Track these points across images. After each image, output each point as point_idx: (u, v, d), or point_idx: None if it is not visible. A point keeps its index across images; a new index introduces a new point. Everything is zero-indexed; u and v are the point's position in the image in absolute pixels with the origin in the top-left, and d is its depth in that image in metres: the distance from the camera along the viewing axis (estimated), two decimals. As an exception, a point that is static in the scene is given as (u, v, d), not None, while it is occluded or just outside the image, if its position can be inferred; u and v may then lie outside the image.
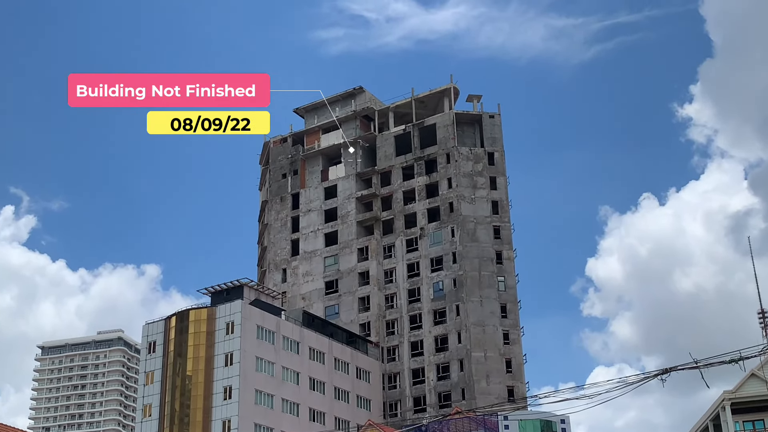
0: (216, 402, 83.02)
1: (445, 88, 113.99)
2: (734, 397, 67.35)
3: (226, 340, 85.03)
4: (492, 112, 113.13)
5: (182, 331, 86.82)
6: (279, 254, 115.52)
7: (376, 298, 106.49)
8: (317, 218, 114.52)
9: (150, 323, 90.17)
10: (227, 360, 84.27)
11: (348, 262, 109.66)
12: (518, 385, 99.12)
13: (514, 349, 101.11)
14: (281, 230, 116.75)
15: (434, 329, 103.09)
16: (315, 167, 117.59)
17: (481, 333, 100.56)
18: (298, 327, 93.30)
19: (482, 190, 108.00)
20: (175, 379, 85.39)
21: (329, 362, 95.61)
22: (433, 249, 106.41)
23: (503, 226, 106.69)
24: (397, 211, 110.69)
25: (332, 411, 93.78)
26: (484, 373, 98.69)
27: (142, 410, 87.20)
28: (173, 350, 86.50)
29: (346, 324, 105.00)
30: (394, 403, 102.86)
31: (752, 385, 67.05)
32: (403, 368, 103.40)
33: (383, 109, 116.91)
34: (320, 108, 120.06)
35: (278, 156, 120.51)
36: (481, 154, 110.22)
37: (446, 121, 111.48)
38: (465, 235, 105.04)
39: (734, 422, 67.52)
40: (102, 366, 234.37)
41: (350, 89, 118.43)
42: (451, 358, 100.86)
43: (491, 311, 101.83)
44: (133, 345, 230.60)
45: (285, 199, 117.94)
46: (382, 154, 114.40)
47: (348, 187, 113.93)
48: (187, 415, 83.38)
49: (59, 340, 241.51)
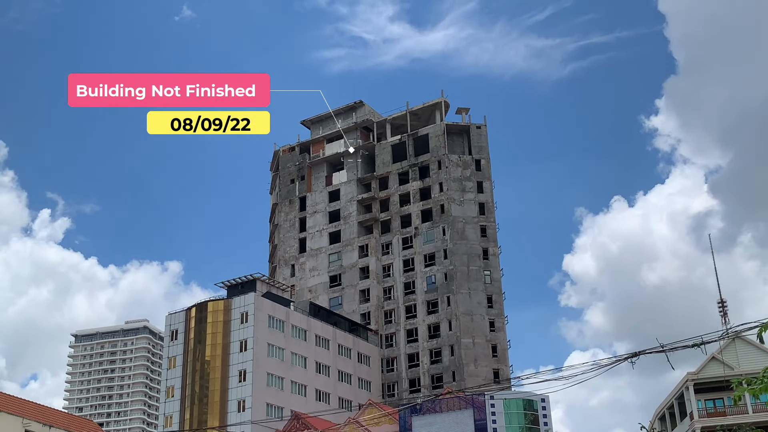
0: (232, 384, 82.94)
1: (436, 102, 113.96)
2: (697, 378, 67.38)
3: (241, 328, 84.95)
4: (479, 123, 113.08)
5: (201, 321, 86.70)
6: (288, 251, 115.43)
7: (376, 290, 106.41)
8: (322, 219, 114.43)
9: (172, 314, 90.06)
10: (242, 346, 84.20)
11: (350, 258, 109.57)
12: (503, 368, 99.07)
13: (499, 335, 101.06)
14: (290, 230, 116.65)
15: (428, 318, 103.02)
16: (320, 173, 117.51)
17: (470, 321, 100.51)
18: (306, 317, 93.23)
19: (470, 194, 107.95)
20: (195, 364, 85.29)
21: (333, 348, 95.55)
22: (427, 246, 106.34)
23: (489, 226, 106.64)
24: (393, 213, 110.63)
25: (336, 392, 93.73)
26: (473, 358, 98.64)
27: (165, 392, 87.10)
28: (193, 338, 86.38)
29: (348, 314, 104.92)
30: (391, 385, 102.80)
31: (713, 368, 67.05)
32: (399, 353, 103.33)
33: (381, 121, 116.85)
34: (325, 120, 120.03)
35: (287, 163, 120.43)
36: (469, 161, 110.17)
37: (438, 131, 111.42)
38: (455, 233, 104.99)
39: (697, 400, 67.56)
40: (129, 352, 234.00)
41: (351, 103, 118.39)
42: (442, 344, 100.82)
43: (478, 302, 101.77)
44: (158, 333, 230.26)
45: (293, 202, 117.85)
46: (381, 161, 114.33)
47: (350, 191, 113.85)
48: (206, 396, 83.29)
49: (91, 329, 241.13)
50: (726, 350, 66.20)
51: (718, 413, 66.30)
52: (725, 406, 66.80)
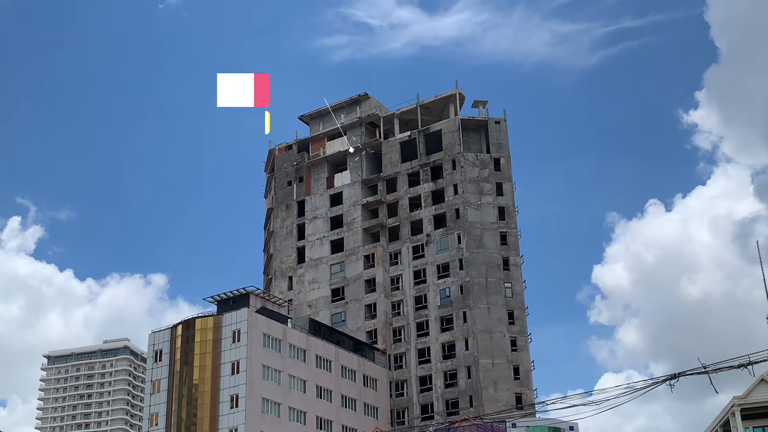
0: (223, 410, 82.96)
1: (450, 94, 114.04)
2: (744, 402, 67.11)
3: (233, 348, 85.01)
4: (498, 118, 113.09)
5: (188, 340, 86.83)
6: (285, 262, 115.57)
7: (383, 305, 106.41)
8: (323, 225, 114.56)
9: (156, 332, 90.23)
10: (234, 368, 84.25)
11: (354, 270, 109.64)
12: (526, 392, 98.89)
13: (522, 355, 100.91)
14: (287, 238, 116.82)
15: (441, 336, 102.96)
16: (320, 174, 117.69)
17: (489, 340, 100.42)
18: (305, 335, 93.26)
19: (488, 196, 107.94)
20: (181, 388, 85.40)
21: (336, 370, 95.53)
22: (440, 255, 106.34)
23: (510, 233, 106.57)
24: (403, 218, 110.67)
25: (339, 419, 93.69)
26: (492, 380, 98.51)
27: (148, 419, 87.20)
28: (180, 359, 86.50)
29: (352, 331, 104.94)
30: (401, 411, 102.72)
31: (762, 391, 66.80)
32: (410, 375, 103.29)
33: (388, 116, 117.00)
34: (325, 115, 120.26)
35: (283, 163, 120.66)
36: (487, 159, 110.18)
37: (452, 127, 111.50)
38: (471, 241, 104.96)
39: (744, 428, 67.27)
40: (108, 375, 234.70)
41: (355, 96, 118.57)
42: (458, 365, 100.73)
43: (498, 318, 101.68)
44: (140, 354, 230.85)
45: (290, 207, 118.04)
46: (388, 160, 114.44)
47: (353, 194, 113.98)
48: (194, 424, 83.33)
49: (66, 350, 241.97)
50: (777, 371, 65.90)
51: (769, 442, 65.95)
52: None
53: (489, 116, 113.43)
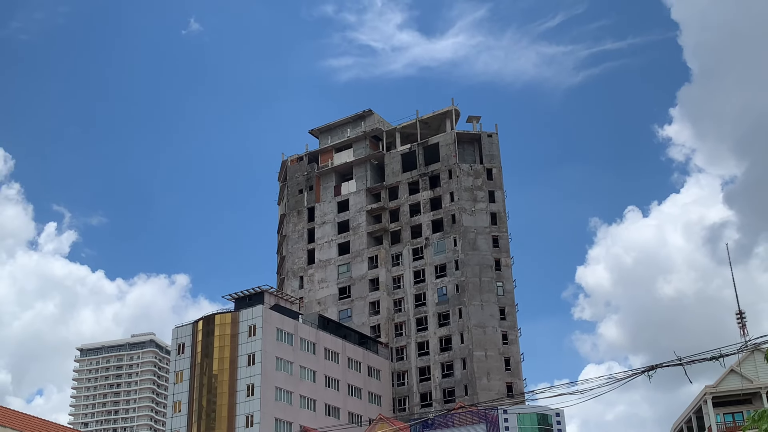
0: (240, 398, 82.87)
1: (446, 110, 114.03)
2: (715, 391, 67.03)
3: (249, 341, 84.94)
4: (490, 132, 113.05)
5: (208, 334, 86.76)
6: (296, 263, 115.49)
7: (386, 302, 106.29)
8: (331, 230, 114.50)
9: (179, 327, 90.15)
10: (249, 360, 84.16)
11: (359, 270, 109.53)
12: (516, 382, 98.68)
13: (513, 348, 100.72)
14: (298, 241, 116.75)
15: (439, 331, 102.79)
16: (329, 183, 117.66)
17: (482, 334, 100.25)
18: (314, 329, 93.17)
19: (482, 203, 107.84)
20: (202, 378, 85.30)
21: (343, 361, 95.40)
22: (437, 257, 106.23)
23: (501, 236, 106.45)
24: (404, 223, 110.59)
25: (346, 406, 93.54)
26: (485, 371, 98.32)
27: (172, 406, 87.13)
28: (200, 351, 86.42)
29: (358, 326, 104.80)
30: (402, 399, 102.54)
31: (731, 381, 66.72)
32: (410, 367, 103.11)
33: (390, 130, 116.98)
34: (333, 129, 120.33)
35: (295, 173, 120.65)
36: (481, 170, 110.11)
37: (448, 140, 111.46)
38: (466, 244, 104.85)
39: (715, 414, 67.17)
40: (135, 366, 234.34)
41: (360, 112, 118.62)
42: (454, 357, 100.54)
43: (491, 314, 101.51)
44: (164, 347, 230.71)
45: (301, 213, 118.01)
46: (390, 170, 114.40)
47: (359, 201, 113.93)
48: (214, 411, 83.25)
49: (96, 343, 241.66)
50: (745, 363, 65.86)
51: (737, 427, 65.87)
52: (744, 420, 66.34)
53: (482, 130, 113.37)
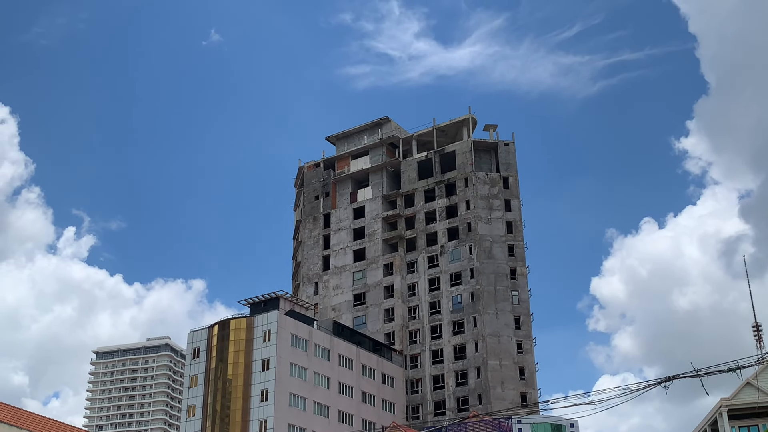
0: (254, 404, 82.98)
1: (463, 119, 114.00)
2: (731, 404, 66.45)
3: (263, 347, 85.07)
4: (507, 140, 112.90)
5: (223, 339, 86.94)
6: (312, 269, 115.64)
7: (400, 309, 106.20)
8: (346, 236, 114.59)
9: (194, 331, 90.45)
10: (264, 365, 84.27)
11: (374, 277, 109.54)
12: (531, 392, 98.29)
13: (527, 358, 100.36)
14: (314, 247, 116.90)
15: (453, 339, 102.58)
16: (345, 190, 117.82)
17: (497, 343, 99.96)
18: (329, 336, 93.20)
19: (498, 212, 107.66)
20: (216, 383, 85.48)
21: (357, 368, 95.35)
22: (453, 265, 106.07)
23: (517, 245, 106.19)
24: (419, 230, 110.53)
25: (359, 413, 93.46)
26: (499, 380, 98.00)
27: (186, 411, 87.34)
28: (215, 356, 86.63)
29: (372, 333, 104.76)
30: (416, 407, 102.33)
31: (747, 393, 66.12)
32: (424, 374, 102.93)
33: (407, 138, 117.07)
34: (350, 136, 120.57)
35: (311, 179, 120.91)
36: (497, 178, 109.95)
37: (465, 148, 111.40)
38: (482, 252, 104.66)
39: (731, 427, 66.59)
40: (151, 370, 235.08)
41: (377, 119, 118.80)
42: (468, 365, 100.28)
43: (506, 323, 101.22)
44: (179, 351, 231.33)
45: (317, 219, 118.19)
46: (406, 178, 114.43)
47: (375, 208, 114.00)
48: (227, 416, 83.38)
49: (112, 346, 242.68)
50: (761, 375, 65.28)
51: (754, 441, 65.25)
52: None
53: (499, 139, 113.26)
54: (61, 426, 67.03)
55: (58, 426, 65.80)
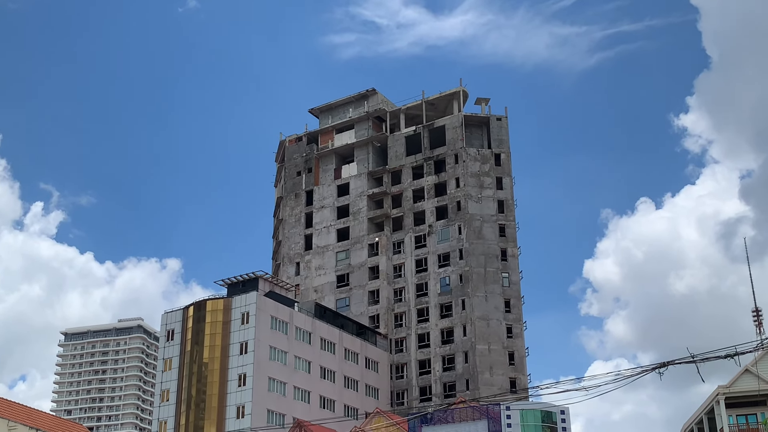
0: (231, 388, 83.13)
1: (454, 92, 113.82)
2: (728, 391, 67.13)
3: (241, 329, 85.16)
4: (499, 115, 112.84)
5: (199, 320, 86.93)
6: (293, 248, 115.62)
7: (385, 291, 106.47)
8: (330, 215, 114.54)
9: (169, 312, 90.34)
10: (242, 348, 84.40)
11: (359, 257, 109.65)
12: (520, 377, 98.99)
13: (517, 342, 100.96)
14: (295, 226, 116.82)
15: (440, 322, 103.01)
16: (328, 165, 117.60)
17: (486, 326, 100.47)
18: (310, 318, 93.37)
19: (489, 190, 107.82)
20: (192, 366, 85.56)
21: (339, 352, 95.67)
22: (441, 245, 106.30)
23: (508, 225, 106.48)
24: (406, 209, 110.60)
25: (342, 399, 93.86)
26: (488, 365, 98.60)
27: (160, 395, 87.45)
28: (191, 338, 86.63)
29: (356, 316, 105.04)
30: (401, 392, 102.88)
31: (746, 381, 66.81)
32: (410, 359, 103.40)
33: (394, 111, 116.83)
34: (334, 109, 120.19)
35: (293, 154, 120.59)
36: (488, 155, 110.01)
37: (455, 123, 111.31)
38: (471, 232, 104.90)
39: (728, 416, 67.31)
40: (122, 353, 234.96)
41: (363, 91, 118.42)
42: (456, 350, 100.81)
43: (495, 306, 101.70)
44: (153, 333, 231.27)
45: (299, 196, 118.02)
46: (393, 153, 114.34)
47: (360, 185, 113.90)
48: (203, 401, 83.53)
49: (82, 328, 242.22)
50: (761, 362, 65.96)
51: (751, 430, 66.05)
52: (758, 422, 66.53)
53: (491, 113, 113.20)
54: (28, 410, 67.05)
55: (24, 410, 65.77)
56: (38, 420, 65.46)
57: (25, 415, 64.27)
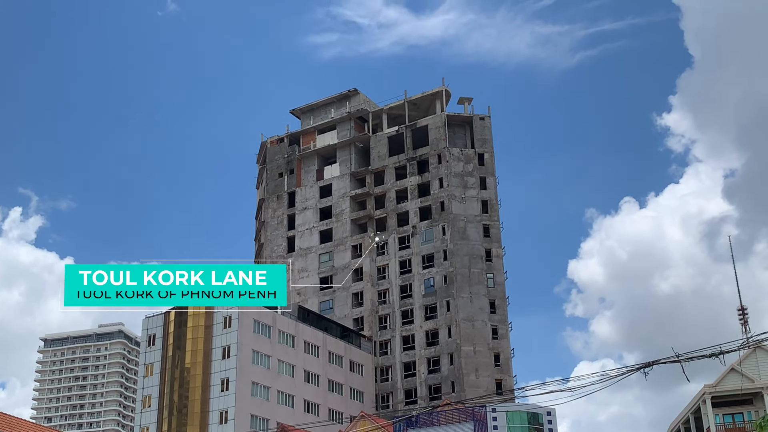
0: (213, 393, 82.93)
1: (436, 91, 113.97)
2: (715, 391, 67.60)
3: (224, 333, 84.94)
4: (482, 114, 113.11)
5: (181, 325, 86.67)
6: (275, 251, 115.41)
7: (369, 293, 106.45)
8: (312, 216, 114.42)
9: (150, 317, 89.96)
10: (224, 353, 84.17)
11: (342, 259, 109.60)
12: (506, 379, 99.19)
13: (503, 343, 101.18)
14: (277, 227, 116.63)
15: (425, 324, 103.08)
16: (311, 167, 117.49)
17: (471, 328, 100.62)
18: (294, 321, 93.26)
19: (472, 190, 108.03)
20: (174, 371, 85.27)
21: (323, 355, 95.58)
22: (425, 246, 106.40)
23: (492, 225, 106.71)
24: (390, 210, 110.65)
25: (326, 403, 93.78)
26: (473, 367, 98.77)
27: (141, 401, 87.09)
28: (172, 343, 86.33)
29: (340, 318, 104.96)
30: (386, 395, 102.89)
31: (732, 380, 67.31)
32: (395, 362, 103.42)
33: (377, 111, 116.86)
34: (316, 109, 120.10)
35: (275, 155, 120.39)
36: (472, 155, 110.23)
37: (438, 122, 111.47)
38: (455, 233, 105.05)
39: (714, 415, 67.78)
40: (103, 358, 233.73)
41: (345, 91, 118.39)
42: (441, 352, 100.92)
43: (480, 307, 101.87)
44: (133, 338, 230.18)
45: (281, 198, 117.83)
46: (376, 154, 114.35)
47: (342, 186, 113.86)
48: (186, 406, 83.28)
49: (61, 333, 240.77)
50: (746, 361, 66.45)
51: (738, 428, 66.52)
52: (745, 421, 67.02)
53: (474, 113, 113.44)
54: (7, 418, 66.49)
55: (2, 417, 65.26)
56: (18, 428, 64.91)
57: (4, 423, 63.79)
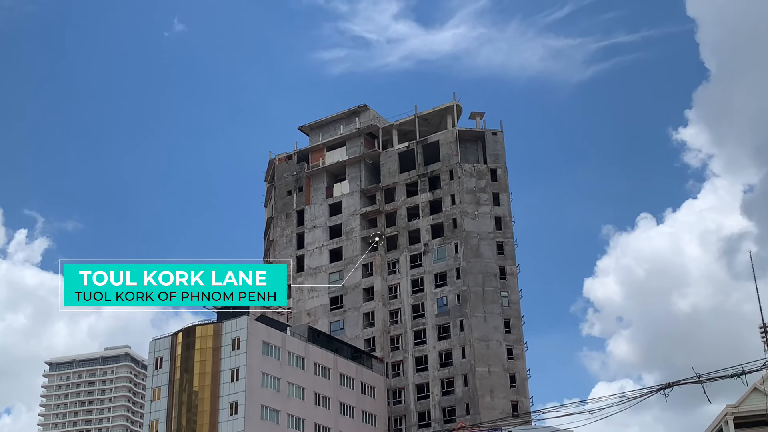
0: (222, 417, 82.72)
1: (447, 106, 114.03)
2: (737, 411, 67.01)
3: (232, 355, 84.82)
4: (494, 129, 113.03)
5: (188, 347, 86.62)
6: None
7: (381, 313, 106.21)
8: (322, 235, 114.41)
9: (157, 339, 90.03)
10: (233, 376, 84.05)
11: (353, 278, 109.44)
12: (522, 400, 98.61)
13: (518, 364, 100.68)
14: (286, 246, 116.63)
15: (438, 344, 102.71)
16: (320, 184, 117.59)
17: (485, 348, 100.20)
18: (303, 342, 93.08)
19: (485, 206, 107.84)
20: (181, 395, 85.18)
21: (334, 377, 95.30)
22: (437, 265, 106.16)
23: (506, 242, 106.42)
24: (401, 228, 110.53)
25: (337, 426, 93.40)
26: (489, 388, 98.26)
27: (149, 426, 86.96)
28: (180, 366, 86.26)
29: (351, 339, 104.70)
30: (398, 419, 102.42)
31: (755, 399, 66.71)
32: (407, 383, 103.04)
33: (387, 127, 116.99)
34: (325, 126, 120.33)
35: (283, 173, 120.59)
36: (484, 170, 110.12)
37: (449, 138, 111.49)
38: (468, 250, 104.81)
39: (737, 436, 67.14)
40: (109, 382, 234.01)
41: (354, 107, 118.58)
42: (455, 373, 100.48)
43: (495, 326, 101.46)
44: (140, 361, 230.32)
45: (290, 216, 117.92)
46: (386, 170, 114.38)
47: (352, 203, 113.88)
48: (194, 430, 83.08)
49: (67, 357, 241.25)
50: (769, 380, 65.78)
51: (761, 450, 65.81)
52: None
53: (486, 128, 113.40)
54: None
55: (7, 444, 65.31)
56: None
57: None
